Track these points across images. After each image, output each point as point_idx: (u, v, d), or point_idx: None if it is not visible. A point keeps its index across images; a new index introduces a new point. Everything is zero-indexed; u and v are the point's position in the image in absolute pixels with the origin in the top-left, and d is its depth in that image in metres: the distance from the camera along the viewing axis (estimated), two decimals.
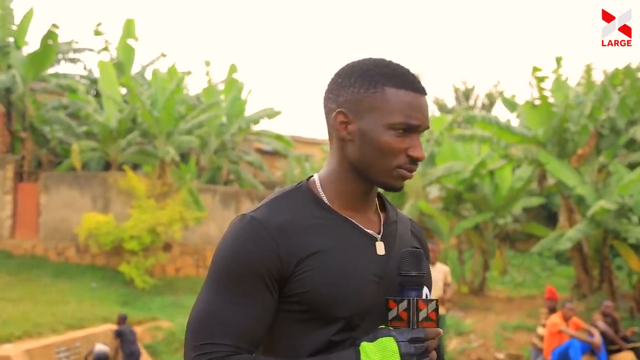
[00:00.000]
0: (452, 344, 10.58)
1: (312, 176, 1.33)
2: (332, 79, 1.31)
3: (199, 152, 19.10)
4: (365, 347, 1.15)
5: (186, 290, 14.28)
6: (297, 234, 1.21)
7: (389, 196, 13.94)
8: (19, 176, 16.85)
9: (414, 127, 1.24)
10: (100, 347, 9.55)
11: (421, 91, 1.27)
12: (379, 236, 1.30)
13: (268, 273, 1.18)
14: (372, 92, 1.24)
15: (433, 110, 31.69)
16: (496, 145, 12.40)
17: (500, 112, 50.31)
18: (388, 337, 1.15)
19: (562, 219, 12.89)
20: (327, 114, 1.29)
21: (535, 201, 15.93)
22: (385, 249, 1.29)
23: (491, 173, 14.10)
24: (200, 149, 18.85)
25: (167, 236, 15.41)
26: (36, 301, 12.50)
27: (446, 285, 7.50)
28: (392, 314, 1.17)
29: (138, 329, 10.39)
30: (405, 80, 1.25)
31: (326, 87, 1.31)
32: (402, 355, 1.14)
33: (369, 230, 1.29)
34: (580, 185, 11.29)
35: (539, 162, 11.90)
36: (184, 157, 18.86)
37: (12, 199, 16.52)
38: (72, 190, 16.06)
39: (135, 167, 17.94)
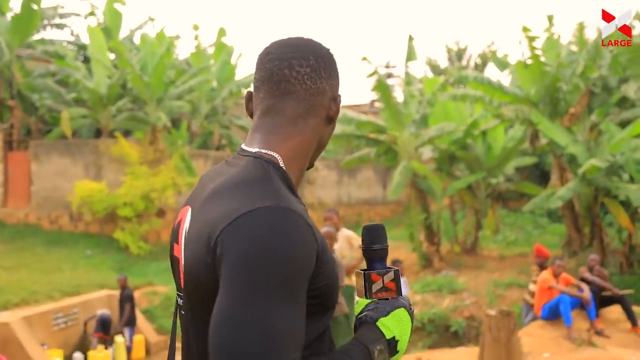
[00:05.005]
0: (445, 302, 10.74)
1: (263, 152, 1.19)
2: (317, 57, 1.24)
3: (190, 117, 18.99)
4: (384, 322, 1.17)
5: None
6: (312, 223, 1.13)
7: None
8: (8, 145, 16.74)
9: None
10: (103, 310, 9.68)
11: None
12: None
13: (311, 270, 1.08)
14: (339, 80, 1.30)
15: (426, 72, 31.49)
16: (489, 105, 12.36)
17: (493, 73, 50.09)
18: (400, 309, 1.19)
19: (554, 178, 12.96)
20: (316, 92, 1.22)
21: (527, 161, 16.00)
22: None
23: (484, 133, 14.10)
24: (191, 114, 18.74)
25: (160, 202, 15.44)
26: (31, 269, 12.55)
27: (355, 249, 6.71)
28: (376, 286, 1.19)
29: (135, 294, 10.48)
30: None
31: (311, 62, 1.22)
32: (412, 322, 1.21)
33: None
34: (572, 144, 11.32)
35: (531, 121, 11.89)
36: (175, 122, 18.77)
37: (3, 167, 16.45)
38: (64, 158, 15.98)
39: (126, 133, 17.84)
